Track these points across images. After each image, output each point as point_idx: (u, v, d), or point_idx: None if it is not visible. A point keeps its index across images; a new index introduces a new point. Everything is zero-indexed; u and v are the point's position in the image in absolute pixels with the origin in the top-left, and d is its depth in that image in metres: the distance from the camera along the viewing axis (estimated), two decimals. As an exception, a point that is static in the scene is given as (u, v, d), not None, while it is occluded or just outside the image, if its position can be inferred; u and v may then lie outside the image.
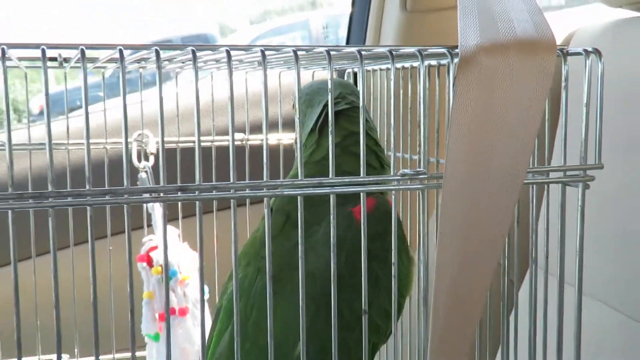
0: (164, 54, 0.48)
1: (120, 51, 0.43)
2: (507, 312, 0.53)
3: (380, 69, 0.67)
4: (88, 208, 0.40)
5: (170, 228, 0.69)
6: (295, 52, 0.44)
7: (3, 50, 0.41)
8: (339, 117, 0.56)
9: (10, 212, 0.37)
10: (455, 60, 0.43)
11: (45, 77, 0.40)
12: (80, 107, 0.53)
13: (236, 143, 0.45)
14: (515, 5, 0.46)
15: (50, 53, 0.47)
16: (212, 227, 0.49)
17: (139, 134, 0.68)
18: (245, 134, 0.76)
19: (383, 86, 0.66)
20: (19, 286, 0.38)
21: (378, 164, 0.59)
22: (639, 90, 0.66)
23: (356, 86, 0.68)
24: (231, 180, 0.41)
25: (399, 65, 0.57)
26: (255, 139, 0.77)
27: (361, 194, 0.46)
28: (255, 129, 0.76)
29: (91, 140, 0.40)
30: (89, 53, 0.44)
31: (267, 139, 0.42)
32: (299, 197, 0.44)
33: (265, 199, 0.43)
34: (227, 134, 0.44)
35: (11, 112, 0.42)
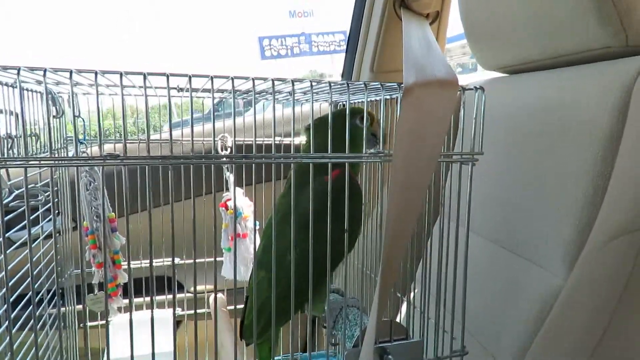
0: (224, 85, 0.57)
1: (212, 79, 0.51)
2: (426, 236, 0.62)
3: (357, 102, 0.78)
4: (191, 166, 0.49)
5: (237, 188, 0.86)
6: (311, 82, 0.53)
7: (145, 75, 0.48)
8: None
9: (147, 167, 0.48)
10: (401, 92, 0.49)
11: (169, 100, 0.52)
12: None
13: (272, 142, 0.54)
14: (435, 61, 0.54)
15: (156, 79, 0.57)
16: (261, 189, 0.65)
17: (222, 135, 0.87)
18: (280, 137, 0.94)
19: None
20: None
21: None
22: (499, 116, 0.79)
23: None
24: (273, 152, 0.50)
25: (369, 98, 0.65)
26: (285, 140, 0.95)
27: (346, 163, 0.54)
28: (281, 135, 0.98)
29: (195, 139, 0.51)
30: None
31: (293, 140, 0.54)
32: (311, 164, 0.53)
33: (292, 164, 0.54)
34: (270, 137, 0.55)
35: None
